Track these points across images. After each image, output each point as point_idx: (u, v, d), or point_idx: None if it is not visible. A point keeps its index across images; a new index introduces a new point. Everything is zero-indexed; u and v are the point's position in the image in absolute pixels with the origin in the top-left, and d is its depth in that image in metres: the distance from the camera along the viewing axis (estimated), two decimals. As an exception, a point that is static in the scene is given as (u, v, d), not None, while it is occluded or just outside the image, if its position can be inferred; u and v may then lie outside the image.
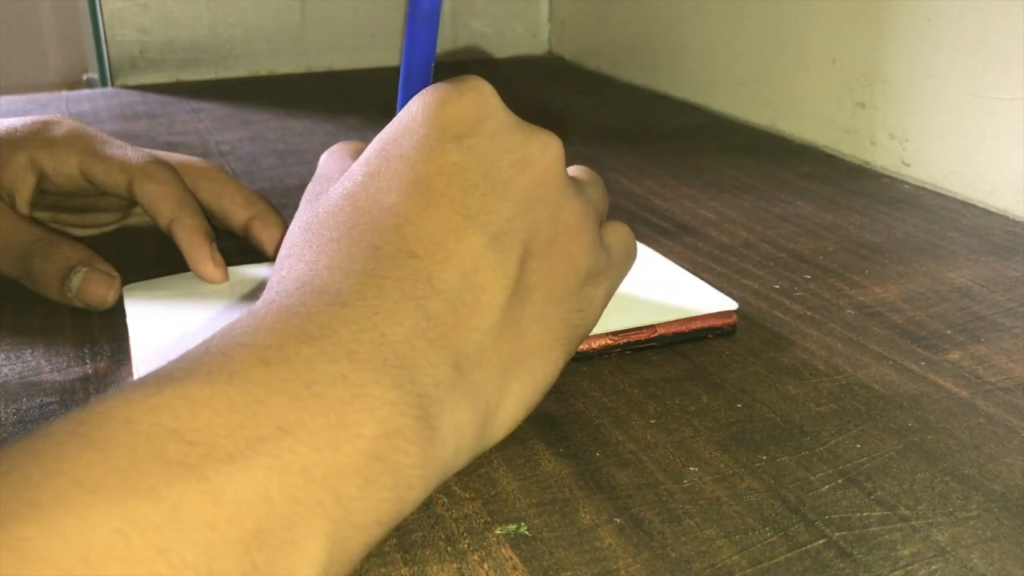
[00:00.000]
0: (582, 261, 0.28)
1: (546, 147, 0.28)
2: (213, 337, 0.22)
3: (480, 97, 0.27)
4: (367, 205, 0.25)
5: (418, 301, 0.23)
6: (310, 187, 0.30)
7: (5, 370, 0.34)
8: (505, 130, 0.27)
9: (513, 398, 0.26)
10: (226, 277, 0.39)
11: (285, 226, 0.42)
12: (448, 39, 1.02)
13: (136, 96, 0.85)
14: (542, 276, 0.27)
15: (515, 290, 0.26)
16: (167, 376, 0.20)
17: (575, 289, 0.28)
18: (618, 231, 0.32)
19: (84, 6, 0.93)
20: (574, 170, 0.32)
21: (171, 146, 0.66)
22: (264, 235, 0.42)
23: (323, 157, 0.32)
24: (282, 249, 0.27)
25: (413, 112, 0.27)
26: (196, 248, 0.39)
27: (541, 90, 0.87)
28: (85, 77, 1.04)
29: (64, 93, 0.86)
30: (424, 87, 0.28)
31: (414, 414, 0.21)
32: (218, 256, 0.39)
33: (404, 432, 0.21)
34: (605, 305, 0.30)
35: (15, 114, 0.76)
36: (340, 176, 0.28)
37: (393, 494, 0.21)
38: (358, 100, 0.82)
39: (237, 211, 0.43)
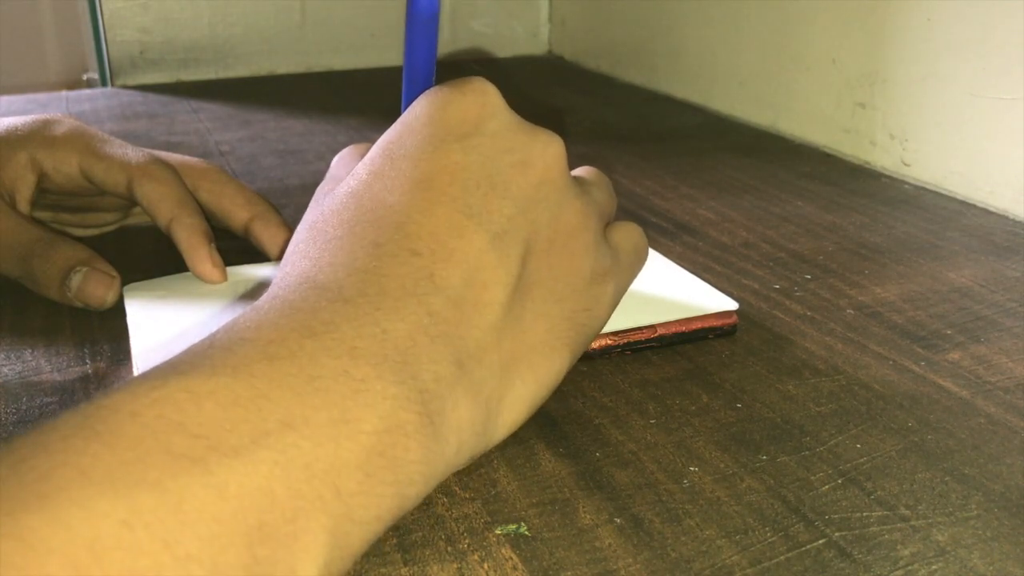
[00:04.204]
0: (583, 260, 0.28)
1: (547, 147, 0.28)
2: (217, 332, 0.22)
3: (482, 98, 0.27)
4: (370, 203, 0.26)
5: (420, 298, 0.23)
6: (319, 188, 0.30)
7: (5, 370, 0.34)
8: (507, 130, 0.27)
9: (515, 396, 0.26)
10: (224, 277, 0.39)
11: (285, 226, 0.42)
12: (448, 39, 1.02)
13: (136, 96, 0.85)
14: (543, 275, 0.27)
15: (516, 288, 0.26)
16: (171, 369, 0.20)
17: (579, 288, 0.28)
18: (627, 231, 0.32)
19: (84, 6, 0.93)
20: (581, 171, 0.32)
21: (171, 146, 0.66)
22: (265, 235, 0.42)
23: (335, 160, 0.32)
24: (288, 248, 0.27)
25: (416, 113, 0.27)
26: (195, 248, 0.39)
27: (541, 90, 0.87)
28: (85, 77, 1.04)
29: (64, 93, 0.86)
30: (427, 89, 0.29)
31: (416, 410, 0.22)
32: (216, 256, 0.39)
33: (405, 428, 0.21)
34: (615, 305, 0.30)
35: (15, 114, 0.76)
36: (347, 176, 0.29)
37: (394, 489, 0.21)
38: (358, 100, 0.82)
39: (237, 211, 0.43)
